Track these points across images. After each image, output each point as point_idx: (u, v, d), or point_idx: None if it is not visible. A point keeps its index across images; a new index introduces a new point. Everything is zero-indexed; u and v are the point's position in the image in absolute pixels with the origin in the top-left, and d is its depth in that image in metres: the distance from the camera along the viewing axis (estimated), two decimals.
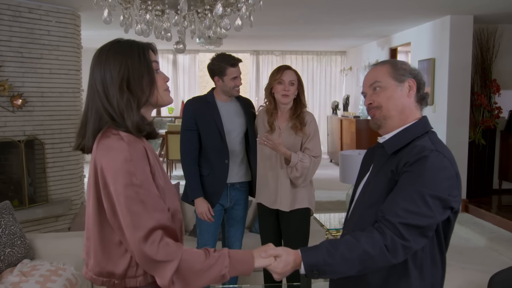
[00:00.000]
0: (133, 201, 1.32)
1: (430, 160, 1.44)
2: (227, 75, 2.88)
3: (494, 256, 4.63)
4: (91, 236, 1.44)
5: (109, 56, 1.43)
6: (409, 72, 1.61)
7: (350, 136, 8.50)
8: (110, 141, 1.37)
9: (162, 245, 1.32)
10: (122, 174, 1.33)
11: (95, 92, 1.43)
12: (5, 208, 3.03)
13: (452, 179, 1.46)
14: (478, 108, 6.29)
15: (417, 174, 1.43)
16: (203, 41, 6.84)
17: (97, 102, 1.42)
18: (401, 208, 1.41)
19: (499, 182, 6.65)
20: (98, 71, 1.43)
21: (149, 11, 2.51)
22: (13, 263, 2.91)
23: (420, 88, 1.62)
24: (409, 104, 1.60)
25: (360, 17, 6.17)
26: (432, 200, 1.40)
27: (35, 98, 4.74)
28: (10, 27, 4.55)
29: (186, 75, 10.49)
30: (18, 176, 4.68)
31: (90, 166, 1.42)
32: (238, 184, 3.02)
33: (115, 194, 1.33)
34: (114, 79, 1.41)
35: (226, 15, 2.53)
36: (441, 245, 1.55)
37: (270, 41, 9.02)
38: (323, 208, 5.64)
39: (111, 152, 1.36)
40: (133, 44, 1.46)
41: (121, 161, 1.33)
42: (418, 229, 1.41)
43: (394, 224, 1.40)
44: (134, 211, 1.32)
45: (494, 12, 5.69)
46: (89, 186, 1.42)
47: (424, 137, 1.55)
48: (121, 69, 1.41)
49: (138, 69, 1.43)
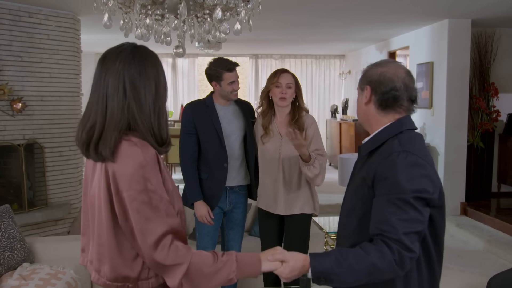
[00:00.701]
0: (146, 206, 1.34)
1: (398, 163, 1.43)
2: (224, 80, 2.89)
3: (493, 259, 4.64)
4: (105, 242, 1.42)
5: (145, 65, 1.42)
6: (366, 79, 1.61)
7: (349, 139, 8.51)
8: (123, 147, 1.37)
9: (172, 249, 1.34)
10: (136, 180, 1.33)
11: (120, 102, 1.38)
12: (5, 212, 3.03)
13: (424, 175, 1.43)
14: (476, 112, 6.31)
15: (391, 181, 1.42)
16: (202, 45, 6.86)
17: (123, 111, 1.38)
18: (395, 220, 1.39)
19: (498, 185, 6.66)
20: (132, 79, 1.39)
21: (149, 16, 2.52)
22: (12, 266, 2.91)
23: (377, 92, 1.57)
24: (369, 112, 1.59)
25: (358, 21, 6.19)
26: (416, 201, 1.40)
27: (34, 102, 4.76)
28: (10, 31, 4.56)
29: (185, 79, 10.50)
30: (17, 180, 4.69)
31: (98, 173, 1.40)
32: (237, 187, 3.03)
33: (128, 199, 1.34)
34: (150, 90, 1.41)
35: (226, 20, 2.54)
36: (427, 249, 1.52)
37: (269, 45, 9.03)
38: (322, 211, 5.65)
39: (125, 158, 1.35)
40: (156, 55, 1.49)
41: (135, 167, 1.34)
42: (417, 235, 1.41)
43: (397, 238, 1.38)
44: (147, 217, 1.34)
45: (492, 16, 5.71)
46: (99, 192, 1.40)
47: (394, 139, 1.52)
48: (156, 81, 1.43)
49: (164, 79, 1.46)
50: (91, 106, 1.43)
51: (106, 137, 1.37)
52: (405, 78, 1.55)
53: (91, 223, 1.50)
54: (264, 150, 2.90)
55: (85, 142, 1.41)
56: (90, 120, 1.41)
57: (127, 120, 1.39)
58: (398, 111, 1.56)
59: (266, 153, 2.88)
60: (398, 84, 1.54)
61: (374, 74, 1.58)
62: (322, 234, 3.63)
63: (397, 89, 1.54)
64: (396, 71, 1.56)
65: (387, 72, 1.56)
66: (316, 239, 3.48)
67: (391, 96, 1.54)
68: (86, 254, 1.57)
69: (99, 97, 1.41)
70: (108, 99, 1.39)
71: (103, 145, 1.37)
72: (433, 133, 6.34)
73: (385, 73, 1.56)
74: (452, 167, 6.00)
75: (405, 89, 1.55)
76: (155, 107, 1.43)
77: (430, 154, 1.54)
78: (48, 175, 4.92)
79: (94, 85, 1.43)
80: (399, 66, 1.60)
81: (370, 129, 1.61)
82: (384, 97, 1.55)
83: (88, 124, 1.41)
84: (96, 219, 1.44)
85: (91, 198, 1.47)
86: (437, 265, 1.55)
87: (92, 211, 1.48)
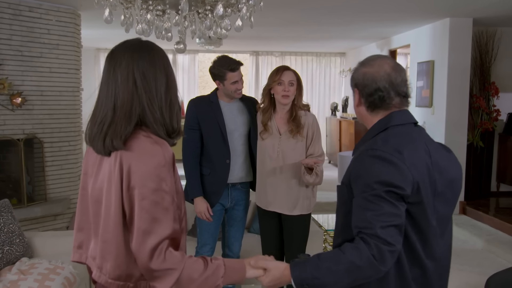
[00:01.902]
0: (157, 207, 1.31)
1: (366, 160, 1.42)
2: (227, 80, 2.86)
3: (492, 258, 4.65)
4: (111, 239, 1.38)
5: (154, 56, 1.41)
6: (353, 80, 1.57)
7: (349, 137, 8.51)
8: (143, 143, 1.35)
9: (168, 254, 1.31)
10: (153, 179, 1.31)
11: (130, 92, 1.36)
12: (4, 207, 3.03)
13: (393, 170, 1.38)
14: (476, 111, 6.31)
15: (363, 179, 1.40)
16: (203, 41, 6.85)
17: (133, 101, 1.36)
18: (370, 216, 1.36)
19: (497, 184, 6.67)
20: (142, 69, 1.38)
21: (150, 11, 2.52)
22: (11, 261, 2.91)
23: (363, 95, 1.54)
24: (362, 112, 1.58)
25: (359, 18, 6.18)
26: (388, 195, 1.36)
27: (34, 97, 4.75)
28: (10, 25, 4.55)
29: (185, 75, 10.48)
30: (17, 174, 4.68)
31: (109, 167, 1.36)
32: (240, 184, 3.02)
33: (139, 197, 1.30)
34: (161, 81, 1.40)
35: (227, 16, 2.54)
36: (412, 247, 1.45)
37: (270, 42, 9.02)
38: (321, 209, 5.64)
39: (144, 155, 1.33)
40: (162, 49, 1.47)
41: (154, 165, 1.31)
42: (396, 228, 1.36)
43: (374, 233, 1.34)
44: (155, 217, 1.31)
45: (493, 15, 5.70)
46: (110, 187, 1.36)
47: (375, 137, 1.50)
48: (166, 72, 1.42)
49: (172, 71, 1.46)
50: (101, 102, 1.40)
51: (116, 127, 1.34)
52: (390, 75, 1.49)
53: (93, 219, 1.46)
54: (262, 146, 2.89)
55: (95, 135, 1.38)
56: (100, 114, 1.38)
57: (138, 110, 1.36)
58: (389, 109, 1.52)
59: (264, 150, 2.88)
60: (382, 83, 1.49)
61: (359, 76, 1.55)
62: (321, 231, 3.64)
63: (381, 89, 1.49)
64: (380, 69, 1.50)
65: (369, 73, 1.51)
66: (315, 237, 3.48)
67: (377, 97, 1.51)
68: (84, 251, 1.53)
69: (108, 91, 1.38)
70: (117, 92, 1.37)
71: (114, 135, 1.34)
72: (433, 131, 6.34)
73: (368, 73, 1.51)
74: None
75: (391, 87, 1.49)
76: (167, 97, 1.41)
77: (418, 148, 1.46)
78: (48, 170, 4.92)
79: (103, 82, 1.41)
80: (384, 62, 1.52)
81: (367, 127, 1.61)
82: (370, 99, 1.52)
83: (98, 119, 1.39)
84: (103, 214, 1.40)
85: (96, 192, 1.43)
86: (429, 263, 1.47)
87: (95, 206, 1.44)
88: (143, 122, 1.38)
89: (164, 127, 1.40)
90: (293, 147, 2.82)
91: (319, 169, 2.75)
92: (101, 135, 1.37)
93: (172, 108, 1.43)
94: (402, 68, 1.54)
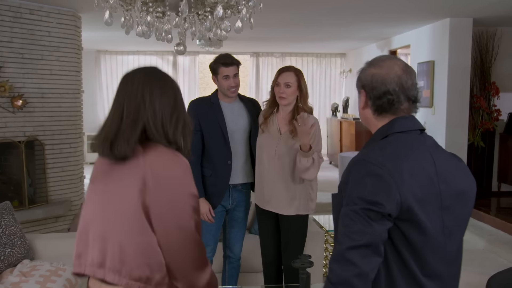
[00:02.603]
0: (191, 208, 1.45)
1: (353, 172, 1.36)
2: (219, 74, 2.88)
3: (493, 258, 4.64)
4: (129, 241, 1.43)
5: (165, 80, 1.53)
6: (360, 81, 1.49)
7: (350, 138, 8.51)
8: (165, 153, 1.46)
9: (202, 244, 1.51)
10: (184, 184, 1.45)
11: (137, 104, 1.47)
12: (5, 209, 3.04)
13: (378, 187, 1.29)
14: (477, 111, 6.31)
15: (348, 190, 1.34)
16: (203, 43, 6.85)
17: (139, 112, 1.46)
18: (344, 231, 1.30)
19: (498, 184, 6.66)
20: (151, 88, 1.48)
21: (150, 13, 2.52)
22: (13, 263, 2.91)
23: (371, 98, 1.45)
24: (367, 116, 1.49)
25: (360, 19, 6.18)
26: (365, 212, 1.28)
27: (35, 99, 4.76)
28: (11, 28, 4.56)
29: (186, 76, 10.50)
30: (18, 176, 4.69)
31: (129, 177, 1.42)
32: (241, 185, 3.02)
33: (173, 200, 1.43)
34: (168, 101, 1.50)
35: (227, 17, 2.54)
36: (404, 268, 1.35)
37: (270, 43, 9.03)
38: (322, 210, 5.64)
39: (173, 163, 1.46)
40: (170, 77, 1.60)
41: (183, 173, 1.46)
42: (367, 249, 1.28)
43: (340, 254, 1.29)
44: (193, 218, 1.45)
45: (493, 15, 5.71)
46: (130, 195, 1.42)
47: (373, 145, 1.43)
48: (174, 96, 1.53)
49: (182, 101, 1.57)
50: (111, 114, 1.50)
51: (124, 134, 1.44)
52: (400, 78, 1.41)
53: (103, 227, 1.48)
54: (261, 145, 2.89)
55: (104, 141, 1.47)
56: (108, 123, 1.49)
57: (143, 120, 1.46)
58: (396, 113, 1.43)
59: (263, 148, 2.87)
60: (392, 86, 1.40)
61: (367, 77, 1.45)
62: (322, 232, 3.63)
63: (391, 92, 1.41)
64: (390, 71, 1.41)
65: (379, 74, 1.42)
66: (316, 238, 3.48)
67: (386, 101, 1.41)
68: (83, 260, 1.53)
69: (117, 107, 1.49)
70: (125, 105, 1.47)
71: (122, 140, 1.43)
72: (433, 132, 6.34)
73: (377, 75, 1.42)
74: None
75: (401, 91, 1.41)
76: (172, 117, 1.49)
77: (419, 158, 1.37)
78: (49, 172, 4.93)
79: (114, 102, 1.51)
80: (394, 63, 1.44)
81: (372, 131, 1.53)
82: (378, 102, 1.43)
83: (106, 127, 1.49)
84: (119, 219, 1.44)
85: (108, 197, 1.47)
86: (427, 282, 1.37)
87: (108, 213, 1.47)
88: (148, 135, 1.47)
89: (169, 142, 1.49)
90: (291, 148, 2.81)
91: (316, 154, 2.72)
92: (108, 140, 1.45)
93: (176, 127, 1.50)
94: (412, 71, 1.46)
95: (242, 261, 3.20)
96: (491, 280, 2.20)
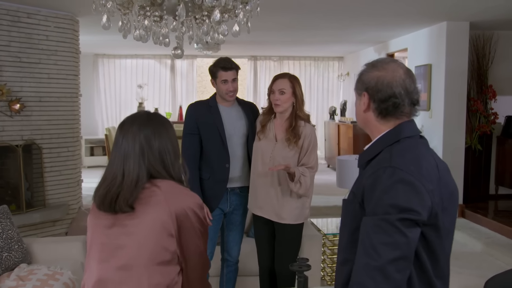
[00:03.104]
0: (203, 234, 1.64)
1: (383, 180, 1.30)
2: (218, 78, 2.89)
3: (491, 261, 4.65)
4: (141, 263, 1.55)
5: (159, 125, 1.63)
6: (363, 84, 1.46)
7: (348, 141, 8.52)
8: (175, 186, 1.60)
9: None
10: (193, 214, 1.59)
11: (137, 160, 1.57)
12: (3, 213, 3.03)
13: (411, 194, 1.28)
14: (474, 114, 6.32)
15: (376, 200, 1.30)
16: (201, 47, 6.87)
17: (140, 169, 1.57)
18: (378, 243, 1.26)
19: (496, 187, 6.68)
20: (147, 133, 1.60)
21: (147, 17, 2.52)
22: (10, 267, 2.91)
23: (375, 101, 1.43)
24: (369, 119, 1.47)
25: (357, 23, 6.20)
26: (401, 222, 1.25)
27: (33, 103, 4.75)
28: (9, 32, 4.56)
29: (184, 80, 10.51)
30: (15, 180, 4.68)
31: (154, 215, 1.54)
32: (238, 189, 3.02)
33: (192, 229, 1.59)
34: (164, 144, 1.62)
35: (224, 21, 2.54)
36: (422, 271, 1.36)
37: (268, 47, 9.05)
38: (320, 213, 5.64)
39: (184, 196, 1.60)
40: (168, 120, 1.73)
41: (194, 204, 1.61)
42: (405, 260, 1.26)
43: (374, 267, 1.25)
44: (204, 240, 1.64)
45: (490, 18, 5.73)
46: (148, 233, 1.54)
47: (388, 150, 1.39)
48: (170, 139, 1.64)
49: (176, 140, 1.69)
50: (111, 167, 1.60)
51: (125, 193, 1.53)
52: (405, 81, 1.41)
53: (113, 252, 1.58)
54: (257, 149, 2.89)
55: (104, 197, 1.56)
56: (110, 178, 1.58)
57: (147, 171, 1.57)
58: (400, 117, 1.43)
59: (259, 153, 2.87)
60: (398, 90, 1.40)
61: (371, 79, 1.44)
62: (320, 236, 3.63)
63: (396, 96, 1.41)
64: (395, 74, 1.41)
65: (385, 77, 1.41)
66: (314, 241, 3.48)
67: (391, 104, 1.41)
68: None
69: (117, 158, 1.58)
70: (125, 159, 1.57)
71: (122, 200, 1.53)
72: (431, 135, 6.35)
73: (383, 78, 1.42)
74: (450, 169, 5.99)
75: (406, 94, 1.41)
76: (171, 159, 1.62)
77: (430, 163, 1.39)
78: (46, 176, 4.92)
79: (114, 149, 1.61)
80: (397, 67, 1.44)
81: (371, 135, 1.51)
82: (383, 105, 1.42)
83: (107, 181, 1.58)
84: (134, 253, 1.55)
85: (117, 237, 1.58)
86: (437, 282, 1.40)
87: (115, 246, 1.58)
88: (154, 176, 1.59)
89: (175, 180, 1.63)
90: (286, 156, 2.79)
91: (303, 178, 2.72)
92: (110, 195, 1.55)
93: (176, 168, 1.64)
94: (413, 74, 1.47)
95: (240, 265, 3.20)
96: (489, 282, 2.21)
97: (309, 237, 3.43)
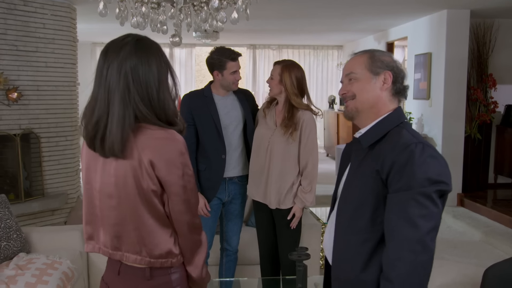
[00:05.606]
0: (186, 190, 1.45)
1: (416, 155, 1.39)
2: (226, 69, 2.84)
3: (489, 250, 4.66)
4: (140, 226, 1.46)
5: (147, 51, 1.43)
6: (386, 64, 1.56)
7: (347, 130, 8.51)
8: (158, 134, 1.41)
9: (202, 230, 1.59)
10: (177, 166, 1.42)
11: (122, 95, 1.39)
12: (1, 202, 3.02)
13: (442, 168, 1.41)
14: (474, 103, 6.30)
15: (411, 174, 1.38)
16: (199, 35, 6.82)
17: (126, 105, 1.39)
18: (416, 217, 1.35)
19: (495, 176, 6.68)
20: (134, 65, 1.40)
21: (144, 4, 2.50)
22: (9, 256, 2.91)
23: (397, 81, 1.57)
24: (382, 97, 1.56)
25: (356, 11, 6.16)
26: (436, 194, 1.37)
27: (30, 92, 4.72)
28: (5, 20, 4.51)
29: (182, 69, 10.46)
30: (13, 170, 4.67)
31: (129, 163, 1.40)
32: (237, 178, 3.01)
33: (167, 184, 1.42)
34: (152, 77, 1.42)
35: (222, 8, 2.52)
36: None
37: (267, 35, 8.99)
38: (319, 202, 5.63)
39: (162, 145, 1.40)
40: (158, 46, 1.50)
41: (176, 153, 1.41)
42: (436, 230, 1.38)
43: (419, 239, 1.34)
44: (186, 199, 1.46)
45: (491, 6, 5.69)
46: (128, 180, 1.41)
47: (401, 130, 1.50)
48: (158, 66, 1.44)
49: (166, 68, 1.48)
50: (95, 99, 1.43)
51: (112, 133, 1.38)
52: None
53: (105, 212, 1.49)
54: (258, 135, 2.89)
55: (93, 137, 1.43)
56: (95, 115, 1.42)
57: (133, 111, 1.39)
58: (401, 100, 1.60)
59: (258, 138, 2.87)
60: (404, 74, 1.61)
61: (391, 62, 1.58)
62: (319, 224, 3.63)
63: (405, 79, 1.60)
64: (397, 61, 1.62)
65: (398, 61, 1.60)
66: (313, 230, 3.48)
67: (405, 86, 1.60)
68: (96, 241, 1.57)
69: (101, 90, 1.41)
70: (110, 94, 1.39)
71: (109, 142, 1.39)
72: (430, 124, 6.34)
73: (397, 62, 1.60)
74: (449, 158, 5.97)
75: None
76: (159, 97, 1.43)
77: None
78: (45, 165, 4.90)
79: (97, 78, 1.43)
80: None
81: (373, 115, 1.55)
82: (401, 86, 1.58)
83: (93, 119, 1.42)
84: (124, 206, 1.45)
85: (107, 187, 1.46)
86: None
87: (107, 200, 1.47)
88: (140, 119, 1.41)
89: (164, 122, 1.44)
90: (286, 141, 2.78)
91: (305, 198, 2.82)
92: (99, 138, 1.41)
93: (165, 107, 1.45)
94: None
95: (239, 254, 3.20)
96: (488, 271, 2.21)
97: (309, 226, 3.43)
